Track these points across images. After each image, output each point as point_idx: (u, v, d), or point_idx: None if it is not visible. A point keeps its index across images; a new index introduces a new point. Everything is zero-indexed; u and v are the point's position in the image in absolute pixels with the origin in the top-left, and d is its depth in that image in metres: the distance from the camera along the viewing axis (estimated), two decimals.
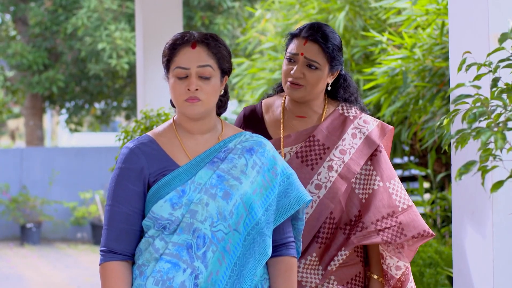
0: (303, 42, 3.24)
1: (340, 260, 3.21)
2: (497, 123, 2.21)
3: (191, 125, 2.89)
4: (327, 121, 3.31)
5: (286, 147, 3.29)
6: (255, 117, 3.39)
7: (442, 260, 6.21)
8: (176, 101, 2.84)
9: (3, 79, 18.02)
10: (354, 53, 7.72)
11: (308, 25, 3.29)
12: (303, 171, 3.25)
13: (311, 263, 3.24)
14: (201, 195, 2.79)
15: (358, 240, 3.19)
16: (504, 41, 2.38)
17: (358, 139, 3.30)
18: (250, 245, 2.84)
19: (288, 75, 3.24)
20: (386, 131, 3.34)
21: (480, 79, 2.40)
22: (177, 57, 2.83)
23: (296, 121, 3.34)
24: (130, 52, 15.55)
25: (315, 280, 3.23)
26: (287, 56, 3.27)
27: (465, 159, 2.95)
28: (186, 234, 2.77)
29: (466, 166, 2.20)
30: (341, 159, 3.26)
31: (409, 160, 8.75)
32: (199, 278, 2.75)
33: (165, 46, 2.88)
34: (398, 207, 3.23)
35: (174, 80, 2.83)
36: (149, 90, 7.04)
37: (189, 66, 2.81)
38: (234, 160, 2.87)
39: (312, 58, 3.22)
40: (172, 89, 2.84)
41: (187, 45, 2.83)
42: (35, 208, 14.82)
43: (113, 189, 2.84)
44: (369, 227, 3.20)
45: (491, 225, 2.93)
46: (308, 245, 3.24)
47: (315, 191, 3.23)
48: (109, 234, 2.82)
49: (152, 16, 7.13)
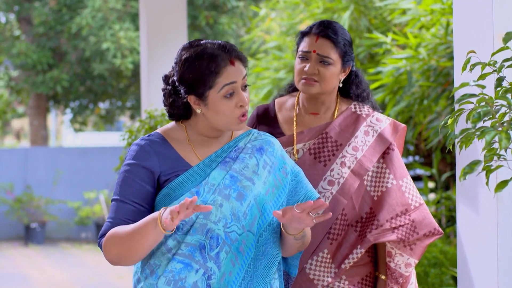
0: (314, 39, 3.26)
1: (355, 259, 3.21)
2: (502, 122, 2.20)
3: (213, 132, 2.88)
4: (339, 118, 3.34)
5: (299, 143, 3.31)
6: (268, 115, 3.40)
7: (447, 260, 6.20)
8: (227, 119, 2.78)
9: (8, 79, 18.04)
10: (359, 53, 7.71)
11: (318, 22, 3.31)
12: (316, 167, 3.26)
13: (322, 260, 3.24)
14: (215, 196, 2.78)
15: (374, 238, 3.19)
16: (508, 40, 2.36)
17: (370, 137, 3.31)
18: (263, 246, 2.83)
19: (302, 73, 3.26)
20: (399, 129, 3.36)
21: (484, 78, 2.39)
22: (221, 78, 2.75)
23: (309, 118, 3.36)
24: (134, 52, 15.56)
25: (327, 278, 3.23)
26: (300, 54, 3.29)
27: (469, 159, 2.94)
28: (199, 234, 2.75)
29: (470, 166, 2.19)
30: (353, 155, 3.27)
31: (414, 160, 8.74)
32: (211, 278, 2.74)
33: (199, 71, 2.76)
34: (411, 205, 3.25)
35: (222, 101, 2.77)
36: (153, 90, 7.03)
37: (236, 80, 2.76)
38: (245, 160, 2.86)
39: (325, 54, 3.24)
40: (220, 110, 2.77)
41: (227, 64, 2.77)
42: (39, 208, 14.83)
43: (121, 184, 2.81)
44: (384, 224, 3.21)
45: (496, 225, 2.92)
46: (320, 241, 3.24)
47: (328, 187, 3.24)
48: (110, 225, 2.77)
49: (156, 15, 7.12)
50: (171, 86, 2.85)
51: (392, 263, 3.24)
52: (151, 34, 7.11)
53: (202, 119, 2.84)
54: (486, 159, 2.22)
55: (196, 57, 2.77)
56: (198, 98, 2.79)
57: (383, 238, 3.19)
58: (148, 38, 7.12)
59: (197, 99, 2.79)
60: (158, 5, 7.12)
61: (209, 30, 16.07)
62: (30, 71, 16.85)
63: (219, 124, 2.80)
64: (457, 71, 3.14)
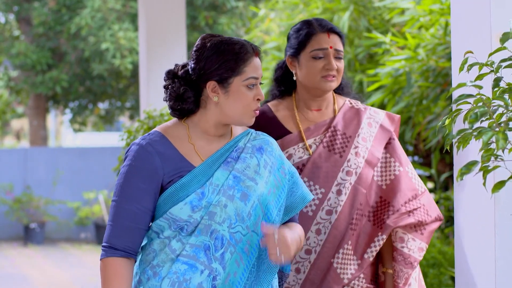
0: (326, 35, 3.32)
1: (377, 247, 3.28)
2: (499, 123, 2.20)
3: (216, 130, 2.87)
4: (341, 112, 3.41)
5: (309, 138, 3.34)
6: (267, 117, 3.41)
7: (446, 261, 6.20)
8: (244, 110, 2.82)
9: (7, 79, 18.04)
10: (358, 53, 7.71)
11: (314, 20, 3.36)
12: (331, 159, 3.30)
13: (347, 252, 3.27)
14: (220, 197, 2.77)
15: (394, 223, 3.27)
16: (506, 40, 2.36)
17: (374, 128, 3.40)
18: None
19: (321, 71, 3.30)
20: (395, 120, 3.47)
21: (482, 79, 2.39)
22: (248, 67, 2.80)
23: (312, 114, 3.40)
24: (133, 52, 15.56)
25: (350, 271, 3.26)
26: (314, 54, 3.31)
27: (467, 159, 2.94)
28: (203, 235, 2.75)
29: (467, 166, 2.19)
30: (364, 145, 3.35)
31: (413, 160, 8.73)
32: (217, 279, 2.74)
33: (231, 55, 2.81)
34: (418, 190, 3.37)
35: (246, 90, 2.81)
36: (152, 90, 7.03)
37: (258, 75, 2.82)
38: (246, 160, 2.86)
39: (339, 49, 3.33)
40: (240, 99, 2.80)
41: (253, 55, 2.82)
42: (39, 208, 14.82)
43: (121, 185, 2.78)
44: (400, 209, 3.29)
45: (493, 226, 2.91)
46: (344, 233, 3.27)
47: (347, 177, 3.29)
48: (112, 230, 2.77)
49: (155, 16, 7.12)
50: (182, 78, 2.84)
51: (406, 249, 3.30)
52: (150, 34, 7.11)
53: (212, 112, 2.83)
54: (483, 160, 2.22)
55: (225, 43, 2.81)
56: (219, 84, 2.79)
57: (402, 222, 3.28)
58: (147, 38, 7.12)
59: (217, 85, 2.79)
60: (157, 6, 7.12)
61: (209, 31, 16.07)
62: (30, 72, 16.84)
63: (233, 115, 2.80)
64: (455, 71, 3.14)
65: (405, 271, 3.29)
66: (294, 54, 3.36)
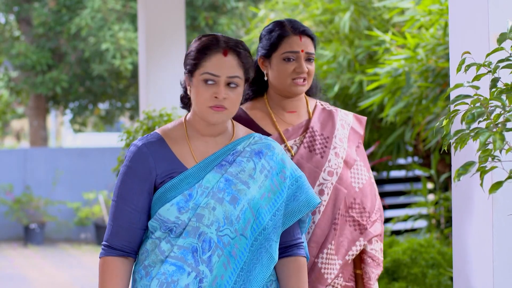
0: (298, 38, 3.31)
1: (358, 250, 3.34)
2: (496, 123, 2.20)
3: (206, 128, 2.87)
4: (316, 114, 3.43)
5: (289, 140, 3.35)
6: (244, 120, 3.40)
7: (445, 261, 6.19)
8: (200, 106, 2.80)
9: (7, 80, 18.03)
10: (358, 54, 7.71)
11: (287, 22, 3.37)
12: (313, 160, 3.32)
13: (330, 252, 3.29)
14: (208, 199, 2.78)
15: (374, 231, 3.36)
16: (503, 41, 2.36)
17: (346, 130, 3.44)
18: (257, 250, 2.83)
19: (292, 74, 3.30)
20: (363, 121, 3.52)
21: (479, 79, 2.39)
22: (207, 62, 2.79)
23: (288, 116, 3.41)
24: (134, 53, 15.55)
25: (334, 271, 3.29)
26: (285, 56, 3.31)
27: (465, 159, 2.94)
28: (191, 237, 2.76)
29: (464, 167, 2.19)
30: (342, 146, 3.39)
31: (413, 161, 8.74)
32: (203, 282, 2.74)
33: (192, 48, 2.84)
34: (377, 196, 3.46)
35: (201, 85, 2.80)
36: (151, 91, 7.03)
37: (219, 74, 2.78)
38: (242, 164, 2.86)
39: (311, 51, 3.33)
40: (197, 94, 2.80)
41: (219, 52, 2.80)
42: (38, 209, 14.82)
43: (119, 186, 2.84)
44: (372, 216, 3.38)
45: (491, 226, 2.92)
46: (327, 234, 3.30)
47: (328, 178, 3.31)
48: (111, 230, 2.84)
49: (154, 17, 7.12)
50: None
51: (374, 251, 3.39)
52: (150, 35, 7.11)
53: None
54: (480, 160, 2.22)
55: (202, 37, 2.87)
56: (189, 77, 2.85)
57: (378, 230, 3.39)
58: (146, 39, 7.12)
59: (188, 77, 2.86)
60: (156, 6, 7.12)
61: (209, 31, 16.06)
62: (30, 72, 16.84)
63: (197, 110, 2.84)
64: (453, 72, 3.14)
65: (375, 272, 3.37)
66: (265, 55, 3.36)
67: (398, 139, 7.79)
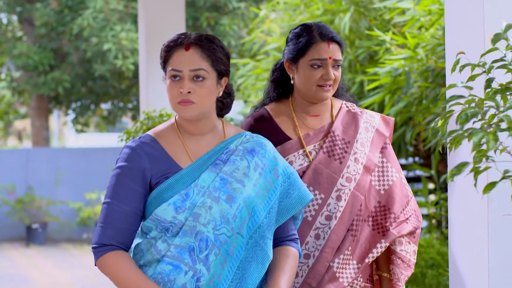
0: (326, 45, 3.28)
1: (379, 253, 3.30)
2: (490, 124, 2.20)
3: (190, 126, 2.88)
4: (339, 117, 3.40)
5: (308, 145, 3.34)
6: (267, 121, 3.39)
7: (445, 262, 6.19)
8: (171, 103, 2.84)
9: (10, 80, 18.05)
10: (358, 54, 7.71)
11: (315, 27, 3.32)
12: (332, 165, 3.30)
13: (346, 257, 3.28)
14: (205, 199, 2.78)
15: (398, 232, 3.30)
16: (497, 41, 2.37)
17: (370, 133, 3.41)
18: (253, 248, 2.84)
19: (319, 80, 3.28)
20: (390, 123, 3.47)
21: (474, 79, 2.39)
22: (171, 59, 2.83)
23: (311, 120, 3.39)
24: (135, 53, 15.57)
25: (350, 275, 3.27)
26: (313, 63, 3.28)
27: (461, 160, 2.94)
28: (188, 237, 2.76)
29: (458, 168, 2.19)
30: (363, 151, 3.35)
31: (413, 161, 8.73)
32: (200, 280, 2.75)
33: (162, 48, 2.89)
34: (409, 196, 3.40)
35: (169, 82, 2.84)
36: (151, 91, 7.04)
37: (181, 68, 2.81)
38: (236, 162, 2.87)
39: (338, 58, 3.30)
40: (168, 91, 2.85)
41: (181, 47, 2.83)
42: (40, 209, 14.84)
43: (113, 187, 2.81)
44: (399, 216, 3.33)
45: (487, 226, 2.92)
46: (343, 239, 3.28)
47: (346, 184, 3.29)
48: (103, 231, 2.78)
49: (155, 17, 7.13)
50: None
51: (404, 252, 3.34)
52: (150, 36, 7.12)
53: None
54: (475, 161, 2.22)
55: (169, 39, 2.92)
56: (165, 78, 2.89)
57: (404, 231, 3.32)
58: (146, 39, 7.12)
59: (164, 78, 2.90)
60: (157, 7, 7.13)
61: (210, 31, 16.06)
62: (32, 72, 16.86)
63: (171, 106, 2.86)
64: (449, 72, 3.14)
65: (405, 273, 3.33)
66: (292, 59, 3.34)
67: (398, 139, 7.78)
